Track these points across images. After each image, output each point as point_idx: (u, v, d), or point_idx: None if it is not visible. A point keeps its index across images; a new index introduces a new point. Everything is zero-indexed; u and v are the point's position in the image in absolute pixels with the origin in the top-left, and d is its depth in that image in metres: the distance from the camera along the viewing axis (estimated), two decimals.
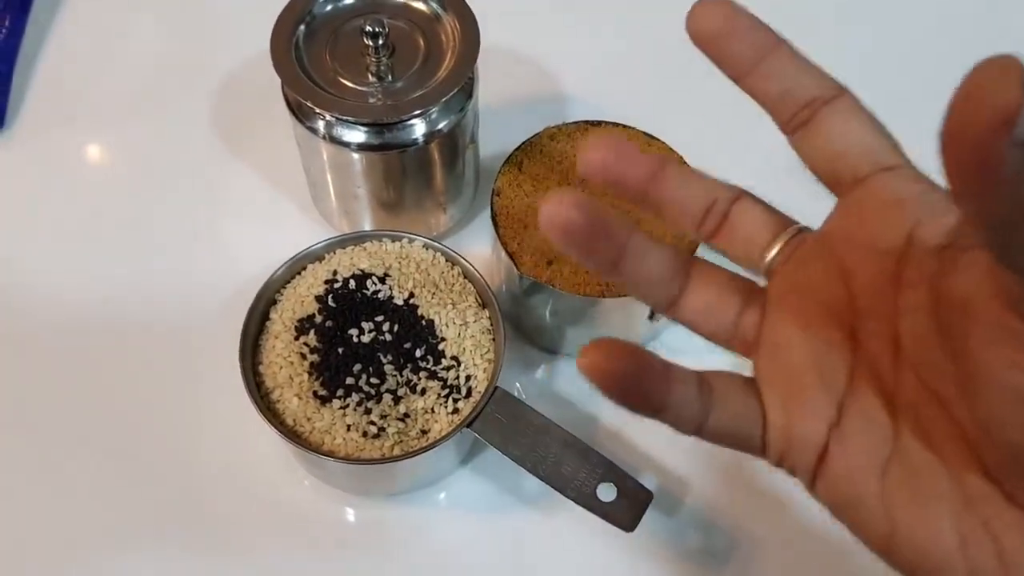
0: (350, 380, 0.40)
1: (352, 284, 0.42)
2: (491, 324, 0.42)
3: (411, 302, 0.42)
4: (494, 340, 0.42)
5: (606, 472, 0.39)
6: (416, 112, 0.41)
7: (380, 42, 0.41)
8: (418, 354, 0.40)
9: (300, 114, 0.43)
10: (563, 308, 0.44)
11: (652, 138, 0.45)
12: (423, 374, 0.40)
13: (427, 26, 0.44)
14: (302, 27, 0.43)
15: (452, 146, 0.45)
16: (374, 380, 0.40)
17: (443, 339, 0.41)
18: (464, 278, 0.43)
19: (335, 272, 0.43)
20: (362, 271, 0.43)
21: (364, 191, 0.45)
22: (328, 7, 0.44)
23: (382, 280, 0.42)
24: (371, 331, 0.41)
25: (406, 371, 0.40)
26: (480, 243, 0.48)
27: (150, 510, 0.43)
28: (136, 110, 0.56)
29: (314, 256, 0.44)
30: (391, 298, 0.42)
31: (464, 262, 0.43)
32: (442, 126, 0.43)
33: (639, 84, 0.57)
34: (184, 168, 0.53)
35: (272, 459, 0.44)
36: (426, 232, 0.48)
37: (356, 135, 0.42)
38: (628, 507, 0.38)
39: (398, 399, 0.40)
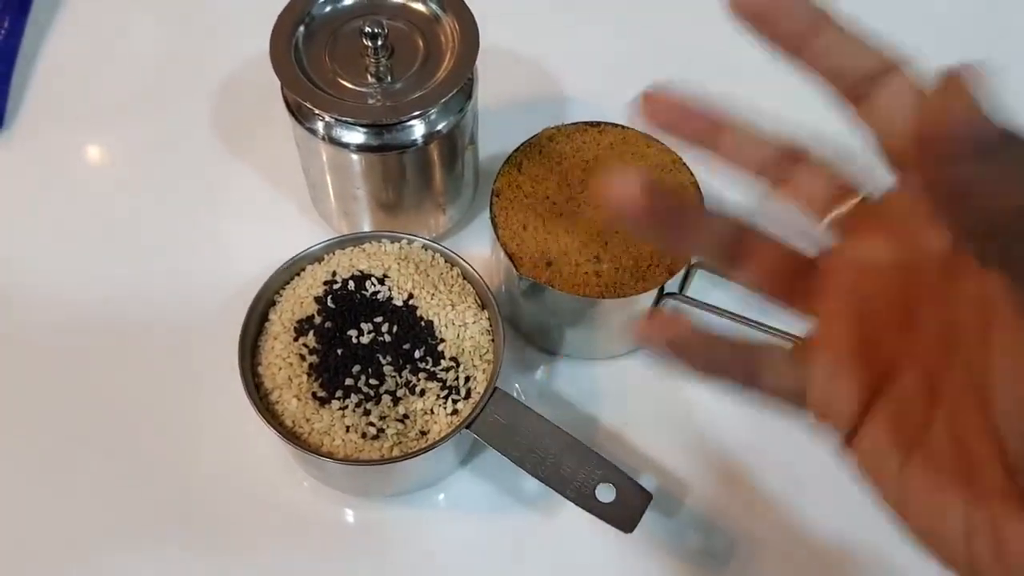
0: (349, 381, 0.40)
1: (351, 285, 0.42)
2: (490, 325, 0.42)
3: (410, 303, 0.42)
4: (493, 341, 0.42)
5: (605, 473, 0.39)
6: (415, 113, 0.41)
7: (379, 43, 0.41)
8: (417, 355, 0.40)
9: (299, 115, 0.43)
10: (562, 309, 0.44)
11: (651, 139, 0.45)
12: (422, 375, 0.40)
13: (426, 27, 0.44)
14: (301, 28, 0.43)
15: (451, 147, 0.45)
16: (373, 381, 0.40)
17: (442, 340, 0.41)
18: (463, 279, 0.43)
19: (334, 273, 0.43)
20: (361, 272, 0.43)
21: (363, 192, 0.45)
22: (327, 8, 0.44)
23: (381, 281, 0.42)
24: (370, 332, 0.41)
25: (405, 372, 0.40)
26: (479, 244, 0.48)
27: (149, 511, 0.43)
28: (136, 110, 0.56)
29: (313, 257, 0.44)
30: (390, 299, 0.42)
31: (463, 263, 0.43)
32: (441, 127, 0.43)
33: (639, 85, 0.56)
34: (183, 169, 0.53)
35: (271, 460, 0.44)
36: (425, 233, 0.48)
37: (355, 136, 0.42)
38: (627, 508, 0.38)
39: (397, 400, 0.40)
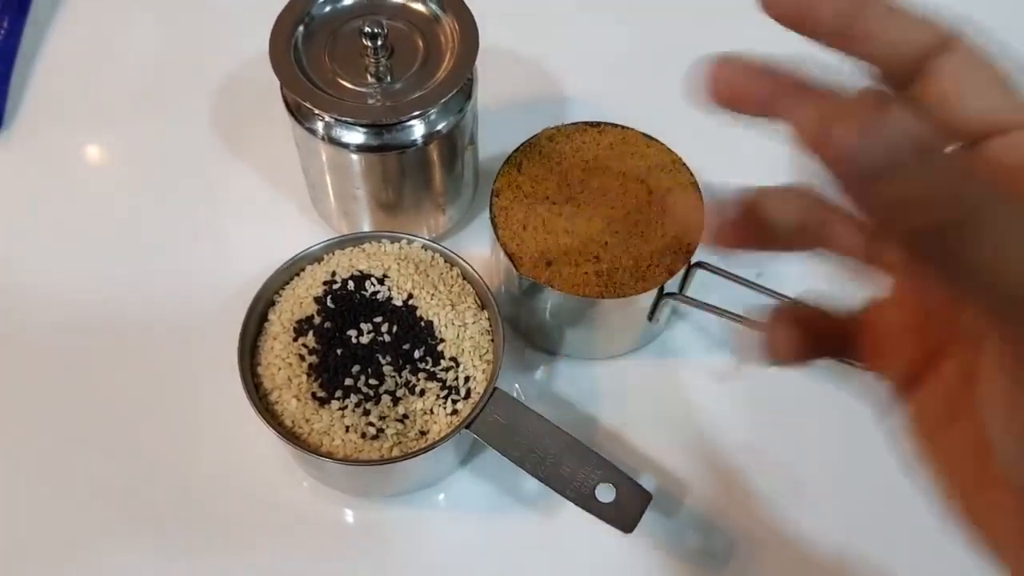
0: (349, 381, 0.40)
1: (351, 285, 0.42)
2: (490, 325, 0.42)
3: (410, 303, 0.42)
4: (493, 341, 0.42)
5: (605, 473, 0.39)
6: (415, 113, 0.41)
7: (379, 43, 0.41)
8: (417, 355, 0.40)
9: (299, 115, 0.43)
10: (562, 309, 0.44)
11: (651, 139, 0.45)
12: (422, 375, 0.40)
13: (426, 27, 0.44)
14: (301, 28, 0.43)
15: (451, 147, 0.45)
16: (373, 381, 0.40)
17: (442, 340, 0.41)
18: (463, 279, 0.43)
19: (334, 273, 0.43)
20: (361, 272, 0.43)
21: (363, 192, 0.45)
22: (327, 8, 0.44)
23: (381, 281, 0.42)
24: (370, 332, 0.41)
25: (405, 372, 0.40)
26: (479, 244, 0.48)
27: (149, 511, 0.43)
28: (135, 110, 0.56)
29: (313, 257, 0.44)
30: (390, 299, 0.42)
31: (463, 263, 0.43)
32: (441, 127, 0.43)
33: (638, 85, 0.57)
34: (183, 169, 0.53)
35: (271, 460, 0.44)
36: (425, 233, 0.48)
37: (355, 136, 0.42)
38: (627, 508, 0.38)
39: (397, 400, 0.40)
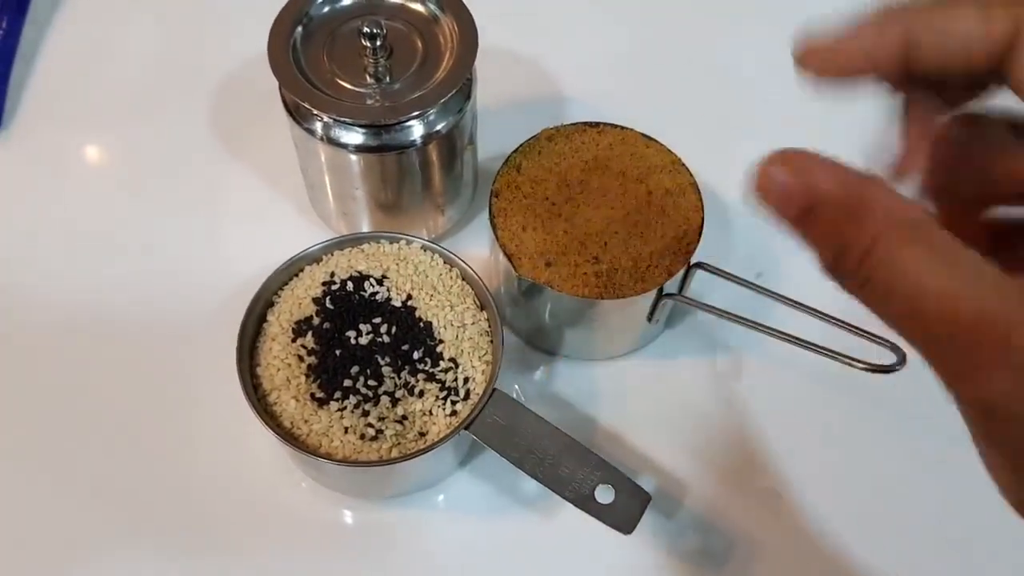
0: (348, 382, 0.39)
1: (350, 286, 0.42)
2: (489, 326, 0.42)
3: (409, 304, 0.42)
4: (492, 342, 0.42)
5: (604, 474, 0.39)
6: (414, 113, 0.41)
7: (378, 43, 0.41)
8: (416, 356, 0.40)
9: (298, 115, 0.43)
10: (561, 309, 0.43)
11: (650, 139, 0.45)
12: (421, 376, 0.40)
13: (425, 27, 0.44)
14: (299, 28, 0.43)
15: (450, 147, 0.45)
16: (372, 382, 0.40)
17: (441, 341, 0.41)
18: (462, 280, 0.43)
19: (332, 274, 0.42)
20: (360, 273, 0.42)
21: (362, 193, 0.45)
22: (325, 8, 0.44)
23: (380, 282, 0.42)
24: (369, 333, 0.41)
25: (404, 373, 0.40)
26: (478, 245, 0.48)
27: (147, 511, 0.43)
28: (134, 110, 0.56)
29: (311, 258, 0.43)
30: (389, 300, 0.42)
31: (462, 264, 0.43)
32: (440, 127, 0.43)
33: (638, 85, 0.57)
34: (182, 169, 0.53)
35: (269, 461, 0.44)
36: (424, 234, 0.48)
37: (354, 136, 0.42)
38: (626, 509, 0.38)
39: (396, 401, 0.40)
